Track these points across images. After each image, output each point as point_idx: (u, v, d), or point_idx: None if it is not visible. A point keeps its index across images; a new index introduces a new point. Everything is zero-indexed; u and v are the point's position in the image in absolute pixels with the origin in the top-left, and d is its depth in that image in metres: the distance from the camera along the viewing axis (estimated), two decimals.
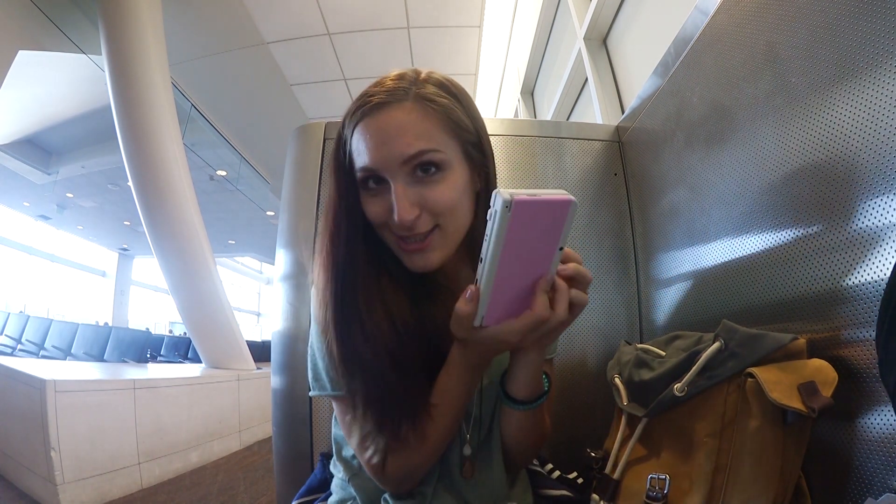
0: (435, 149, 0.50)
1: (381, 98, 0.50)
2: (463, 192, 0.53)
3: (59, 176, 6.74)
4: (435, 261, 0.53)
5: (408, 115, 0.50)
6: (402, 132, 0.49)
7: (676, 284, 0.92)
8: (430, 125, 0.50)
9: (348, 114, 0.53)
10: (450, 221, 0.52)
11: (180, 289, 3.69)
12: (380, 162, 0.49)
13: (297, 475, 0.94)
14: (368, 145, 0.50)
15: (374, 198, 0.52)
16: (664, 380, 0.63)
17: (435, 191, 0.50)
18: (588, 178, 1.14)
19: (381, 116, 0.50)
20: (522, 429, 0.59)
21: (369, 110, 0.50)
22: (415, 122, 0.50)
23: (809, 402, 0.49)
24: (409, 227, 0.50)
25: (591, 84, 1.85)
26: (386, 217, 0.51)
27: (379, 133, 0.50)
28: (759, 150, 0.67)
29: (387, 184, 0.50)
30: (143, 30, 3.30)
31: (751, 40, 0.68)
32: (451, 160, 0.51)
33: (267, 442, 4.06)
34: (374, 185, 0.51)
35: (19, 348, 5.14)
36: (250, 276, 15.83)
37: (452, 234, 0.53)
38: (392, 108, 0.50)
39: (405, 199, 0.49)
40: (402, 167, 0.49)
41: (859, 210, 0.51)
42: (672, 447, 0.62)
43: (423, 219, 0.50)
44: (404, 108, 0.50)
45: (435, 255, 0.52)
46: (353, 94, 2.24)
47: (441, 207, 0.51)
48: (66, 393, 2.25)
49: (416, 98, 0.50)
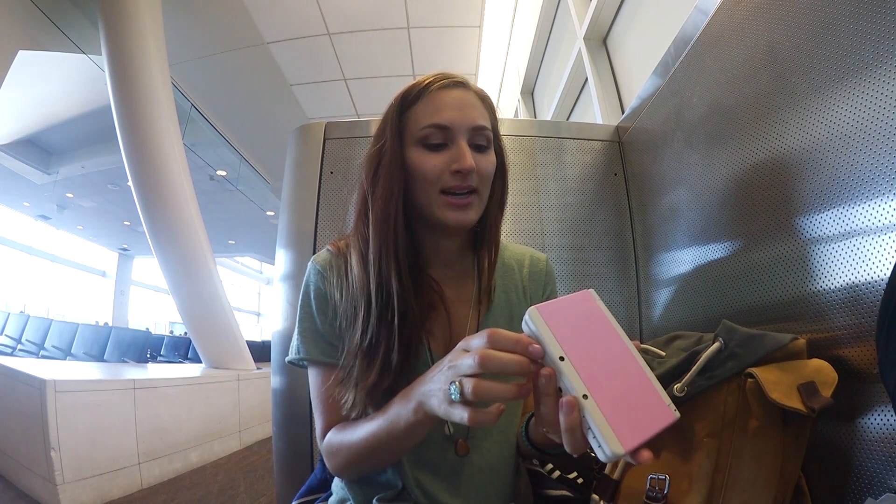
0: (490, 129, 0.62)
1: (452, 81, 0.62)
2: (493, 175, 0.63)
3: (59, 176, 6.73)
4: (473, 218, 0.61)
5: (475, 99, 0.62)
6: (474, 107, 0.61)
7: (676, 284, 0.92)
8: (487, 113, 0.63)
9: (414, 89, 0.62)
10: (484, 189, 0.62)
11: (180, 289, 3.69)
12: (455, 121, 0.59)
13: (297, 475, 0.94)
14: (446, 107, 0.60)
15: (432, 154, 0.60)
16: (664, 380, 0.63)
17: (484, 159, 0.61)
18: (588, 178, 1.14)
19: (457, 91, 0.61)
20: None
21: (447, 84, 0.61)
22: (480, 106, 0.62)
23: (809, 403, 0.49)
24: (468, 175, 0.58)
25: (591, 84, 1.85)
26: (442, 171, 0.59)
27: (457, 101, 0.60)
28: (758, 150, 0.67)
29: (445, 145, 0.60)
30: (143, 30, 3.30)
31: (751, 40, 0.68)
32: (492, 145, 0.63)
33: (267, 442, 4.06)
34: (435, 143, 0.60)
35: (19, 348, 5.13)
36: (250, 276, 15.83)
37: (484, 202, 0.63)
38: (464, 89, 0.62)
39: (470, 154, 0.59)
40: (469, 132, 0.60)
41: (859, 210, 0.51)
42: (672, 447, 0.62)
43: (474, 176, 0.60)
44: (471, 93, 0.63)
45: (472, 214, 0.61)
46: (353, 94, 2.23)
47: (485, 172, 0.61)
48: (66, 393, 2.25)
49: (475, 92, 0.64)
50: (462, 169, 0.58)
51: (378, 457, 0.55)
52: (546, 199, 1.13)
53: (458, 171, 0.58)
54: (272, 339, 1.06)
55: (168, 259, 3.58)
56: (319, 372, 0.62)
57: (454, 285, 0.67)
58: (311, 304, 0.63)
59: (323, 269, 0.64)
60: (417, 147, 0.61)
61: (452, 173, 0.59)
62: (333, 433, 0.59)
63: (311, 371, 0.63)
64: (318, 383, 0.62)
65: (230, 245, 10.81)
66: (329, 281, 0.62)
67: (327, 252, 0.66)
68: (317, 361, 0.62)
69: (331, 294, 0.62)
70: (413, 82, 0.63)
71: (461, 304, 0.66)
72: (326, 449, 0.60)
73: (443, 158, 0.59)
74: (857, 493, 0.50)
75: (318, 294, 0.63)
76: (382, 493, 0.60)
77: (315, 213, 1.09)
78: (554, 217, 1.11)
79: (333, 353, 0.61)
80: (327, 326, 0.61)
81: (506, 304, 0.68)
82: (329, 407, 0.60)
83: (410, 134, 0.61)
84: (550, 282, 0.73)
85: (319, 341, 0.62)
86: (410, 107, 0.62)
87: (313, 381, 0.63)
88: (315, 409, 0.62)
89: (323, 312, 0.62)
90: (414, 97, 0.62)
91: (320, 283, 0.63)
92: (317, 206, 1.09)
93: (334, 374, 0.60)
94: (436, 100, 0.60)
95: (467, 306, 0.66)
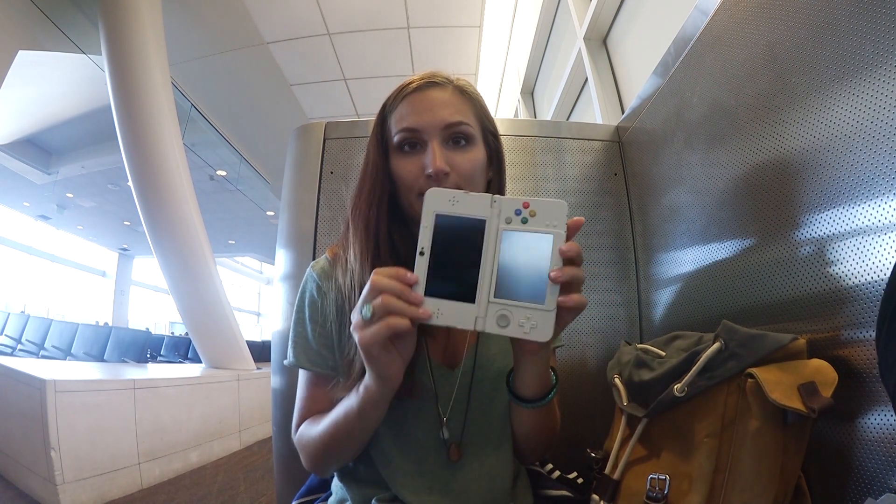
0: (469, 123, 0.61)
1: (426, 81, 0.62)
2: (480, 170, 0.62)
3: (59, 176, 6.73)
4: None
5: (450, 95, 0.62)
6: (446, 105, 0.60)
7: (676, 284, 0.92)
8: (466, 107, 0.62)
9: (392, 95, 0.63)
10: (470, 186, 0.60)
11: (180, 289, 3.69)
12: (422, 124, 0.59)
13: (297, 475, 0.94)
14: (414, 110, 0.60)
15: (407, 158, 0.60)
16: (664, 380, 0.63)
17: (463, 157, 0.60)
18: (588, 178, 1.14)
19: (427, 93, 0.61)
20: (535, 424, 0.60)
21: (417, 87, 0.61)
22: (455, 101, 0.61)
23: (809, 403, 0.49)
24: (439, 179, 0.57)
25: (591, 84, 1.85)
26: (417, 175, 0.59)
27: (425, 102, 0.60)
28: (759, 150, 0.66)
29: (420, 148, 0.60)
30: (143, 30, 3.30)
31: (751, 40, 0.68)
32: (477, 138, 0.62)
33: (267, 442, 4.06)
34: (409, 148, 0.60)
35: (19, 348, 5.13)
36: (250, 276, 15.83)
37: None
38: (437, 88, 0.62)
39: (441, 155, 0.58)
40: (441, 132, 0.59)
41: (859, 210, 0.51)
42: (672, 447, 0.62)
43: (451, 178, 0.58)
44: (447, 90, 0.62)
45: None
46: (353, 94, 2.23)
47: (465, 171, 0.59)
48: (66, 393, 2.25)
49: (454, 87, 0.63)
50: (431, 173, 0.57)
51: (340, 443, 0.56)
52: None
53: (429, 175, 0.58)
54: (272, 339, 1.06)
55: (168, 259, 3.58)
56: (304, 376, 0.64)
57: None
58: (305, 311, 0.64)
59: (319, 277, 0.64)
60: (396, 153, 0.62)
61: (427, 177, 0.58)
62: (304, 426, 0.61)
63: (300, 373, 0.65)
64: (301, 385, 0.64)
65: (230, 245, 10.81)
66: (322, 290, 0.63)
67: (325, 260, 0.67)
68: (303, 367, 0.63)
69: (324, 303, 0.63)
70: (396, 87, 0.64)
71: None
72: (297, 441, 0.61)
73: (417, 163, 0.59)
74: (857, 493, 0.50)
75: (311, 302, 0.64)
76: (381, 493, 0.60)
77: (315, 213, 1.09)
78: None
79: (320, 361, 0.62)
80: (317, 335, 0.62)
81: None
82: (306, 406, 0.62)
83: (390, 140, 0.62)
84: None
85: (308, 349, 0.63)
86: (390, 113, 0.63)
87: (299, 382, 0.65)
88: (295, 408, 0.64)
89: (314, 321, 0.63)
90: (392, 103, 0.63)
91: (314, 292, 0.64)
92: (317, 206, 1.09)
93: (317, 380, 0.62)
94: (409, 104, 0.61)
95: None
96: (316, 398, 0.62)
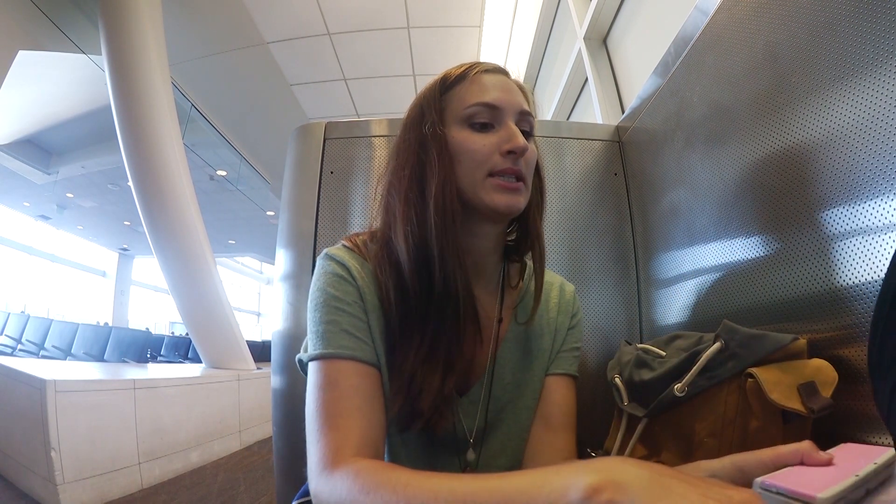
0: (534, 117, 0.61)
1: (496, 67, 0.60)
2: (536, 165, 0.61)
3: (59, 176, 6.73)
4: (523, 203, 0.57)
5: (516, 87, 0.60)
6: (519, 93, 0.59)
7: (676, 284, 0.91)
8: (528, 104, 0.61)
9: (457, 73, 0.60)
10: (528, 178, 0.58)
11: (180, 289, 3.69)
12: (504, 102, 0.57)
13: (297, 475, 0.94)
14: (494, 87, 0.57)
15: (480, 134, 0.57)
16: (664, 380, 0.63)
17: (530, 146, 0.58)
18: (588, 178, 1.14)
19: (502, 76, 0.60)
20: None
21: (490, 69, 0.60)
22: (521, 94, 0.60)
23: (809, 403, 0.49)
24: (520, 156, 0.55)
25: (591, 84, 1.85)
26: (492, 150, 0.55)
27: (503, 84, 0.59)
28: (759, 150, 0.66)
29: (492, 128, 0.57)
30: (143, 30, 3.30)
31: (751, 40, 0.68)
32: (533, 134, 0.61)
33: (267, 442, 4.06)
34: (479, 125, 0.57)
35: (19, 348, 5.13)
36: (250, 276, 15.83)
37: (529, 192, 0.59)
38: (508, 77, 0.61)
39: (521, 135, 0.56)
40: (517, 115, 0.58)
41: (860, 210, 0.51)
42: (672, 447, 0.62)
43: (523, 161, 0.56)
44: (512, 82, 0.61)
45: (522, 199, 0.57)
46: (353, 94, 2.22)
47: (530, 161, 0.58)
48: (66, 393, 2.25)
49: (515, 81, 0.62)
50: (516, 148, 0.54)
51: None
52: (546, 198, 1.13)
53: (512, 150, 0.54)
54: (272, 339, 1.06)
55: (168, 259, 3.58)
56: (336, 373, 0.50)
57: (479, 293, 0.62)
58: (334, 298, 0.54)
59: (347, 263, 0.56)
60: (461, 127, 0.57)
61: (503, 154, 0.55)
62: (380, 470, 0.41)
63: (320, 376, 0.50)
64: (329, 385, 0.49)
65: (230, 245, 10.81)
66: (356, 277, 0.55)
67: (344, 248, 0.59)
68: (352, 358, 0.51)
69: (360, 291, 0.55)
70: (457, 66, 0.61)
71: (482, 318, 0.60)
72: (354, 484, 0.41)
73: (492, 138, 0.56)
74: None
75: (343, 288, 0.55)
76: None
77: (315, 213, 1.09)
78: (554, 217, 1.11)
79: (367, 350, 0.52)
80: (357, 321, 0.53)
81: (523, 334, 0.64)
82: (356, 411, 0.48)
83: (452, 114, 0.58)
84: (577, 313, 0.70)
85: (351, 336, 0.52)
86: (452, 87, 0.59)
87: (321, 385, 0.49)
88: (331, 417, 0.47)
89: (349, 305, 0.54)
90: (456, 79, 0.59)
91: (347, 278, 0.55)
92: (317, 206, 1.09)
93: (368, 372, 0.51)
94: (481, 80, 0.58)
95: (488, 321, 0.62)
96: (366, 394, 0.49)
